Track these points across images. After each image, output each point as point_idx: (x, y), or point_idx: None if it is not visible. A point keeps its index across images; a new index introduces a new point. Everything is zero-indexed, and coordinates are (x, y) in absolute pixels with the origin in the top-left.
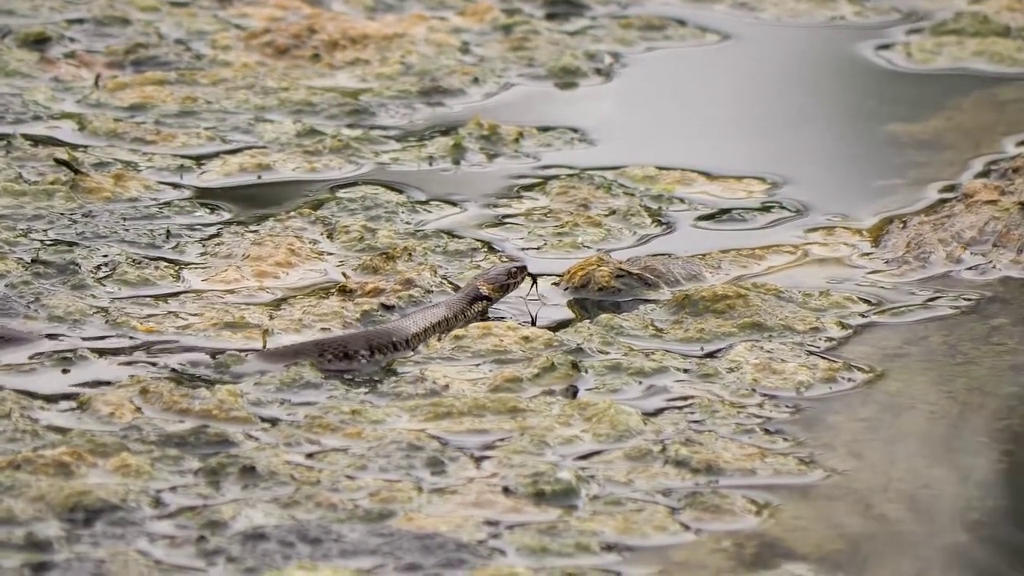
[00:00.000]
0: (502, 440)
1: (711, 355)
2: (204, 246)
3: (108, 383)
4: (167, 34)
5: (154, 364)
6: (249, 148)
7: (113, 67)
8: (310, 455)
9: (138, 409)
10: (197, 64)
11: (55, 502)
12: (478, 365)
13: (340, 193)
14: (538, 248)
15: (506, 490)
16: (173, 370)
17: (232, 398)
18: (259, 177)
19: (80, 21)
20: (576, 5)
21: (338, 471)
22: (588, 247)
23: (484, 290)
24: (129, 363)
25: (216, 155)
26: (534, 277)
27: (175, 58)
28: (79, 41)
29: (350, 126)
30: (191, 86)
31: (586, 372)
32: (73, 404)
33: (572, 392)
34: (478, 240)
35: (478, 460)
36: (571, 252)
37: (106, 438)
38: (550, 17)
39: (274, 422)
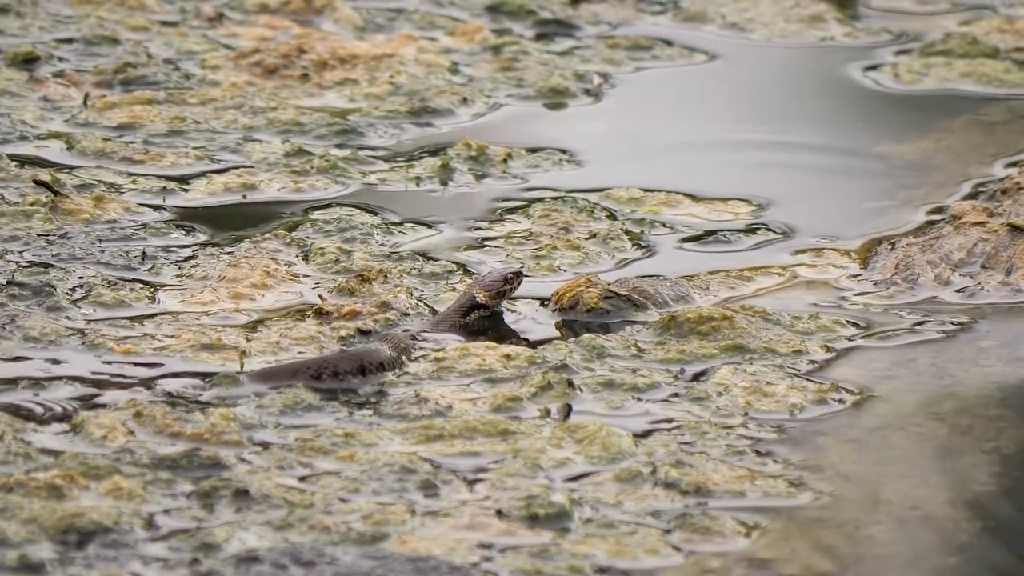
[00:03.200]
0: (495, 463)
1: (696, 377)
2: (180, 268)
3: (103, 405)
4: (156, 54)
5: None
6: (237, 168)
7: (102, 87)
8: (303, 478)
9: (131, 432)
10: (186, 84)
11: (48, 524)
12: (469, 385)
13: (315, 215)
14: None
15: (499, 513)
16: (168, 393)
17: (224, 421)
18: (244, 197)
19: (69, 41)
20: (567, 26)
21: (331, 494)
22: (564, 270)
23: (480, 298)
24: (121, 386)
25: (203, 175)
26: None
27: (164, 78)
28: (68, 61)
29: (338, 146)
30: (180, 106)
31: (580, 390)
32: (66, 427)
33: (567, 411)
34: (454, 262)
35: (471, 483)
36: (548, 275)
37: (99, 461)
38: (540, 38)
39: (266, 445)
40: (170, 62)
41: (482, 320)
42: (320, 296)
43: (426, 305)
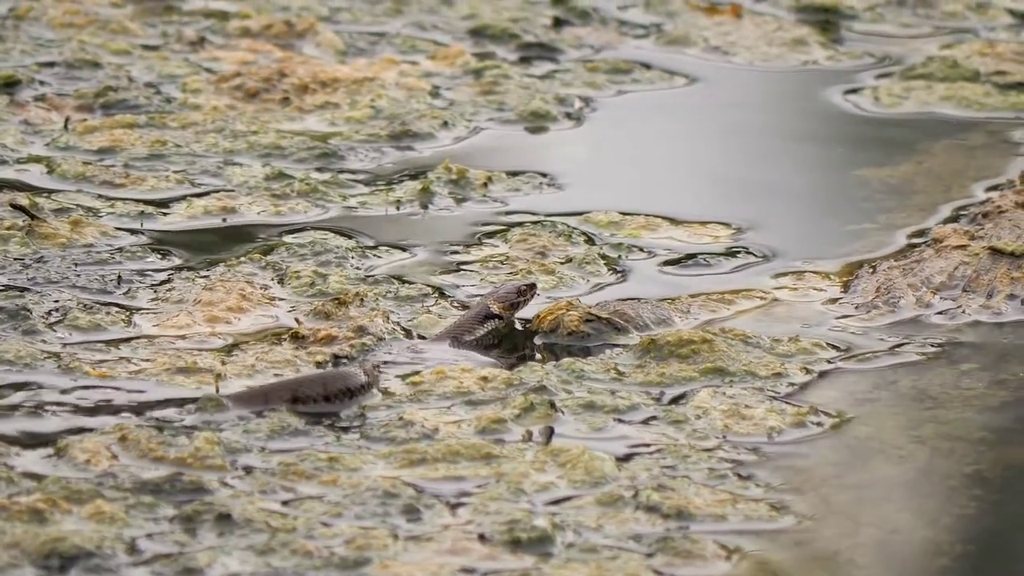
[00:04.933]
0: (478, 487)
1: (676, 400)
2: (155, 291)
3: (84, 430)
4: (138, 77)
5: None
6: (217, 191)
7: (83, 110)
8: (286, 502)
9: (114, 456)
10: (167, 107)
11: (30, 549)
12: (449, 407)
13: (290, 238)
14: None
15: (482, 537)
16: (152, 417)
17: (208, 446)
18: (224, 220)
19: (51, 64)
20: (550, 49)
21: (314, 518)
22: (537, 295)
23: (495, 309)
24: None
25: (183, 198)
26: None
27: (145, 101)
28: (50, 84)
29: (319, 170)
30: (160, 129)
31: (563, 412)
32: (50, 451)
33: (549, 433)
34: (430, 286)
35: (454, 507)
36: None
37: (81, 485)
38: (523, 61)
39: (250, 469)
40: (151, 86)
41: (495, 332)
42: (296, 320)
43: (402, 329)
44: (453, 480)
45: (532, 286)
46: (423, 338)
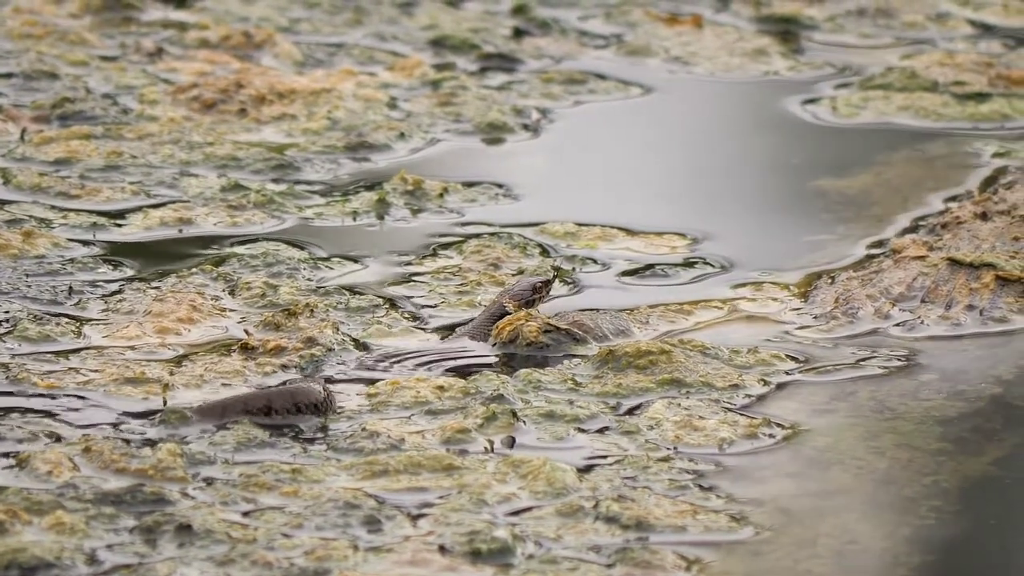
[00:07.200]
0: (440, 498)
1: (631, 411)
2: (106, 302)
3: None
4: (95, 88)
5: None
6: (173, 202)
7: (39, 121)
8: (247, 513)
9: (76, 467)
10: (124, 119)
11: None
12: (410, 418)
13: (241, 249)
14: (435, 306)
15: (442, 548)
16: (107, 428)
17: (171, 457)
18: (180, 231)
19: (8, 75)
20: (510, 60)
21: (274, 529)
22: (484, 306)
23: (510, 308)
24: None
25: (139, 209)
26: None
27: (102, 112)
28: (6, 95)
29: (275, 181)
30: (117, 140)
31: (524, 422)
32: (12, 461)
33: (511, 442)
34: (381, 297)
35: (415, 518)
36: (468, 311)
37: (42, 496)
38: (484, 72)
39: (211, 481)
40: (108, 97)
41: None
42: (246, 331)
43: (353, 340)
44: (415, 491)
45: (547, 283)
46: (361, 349)
